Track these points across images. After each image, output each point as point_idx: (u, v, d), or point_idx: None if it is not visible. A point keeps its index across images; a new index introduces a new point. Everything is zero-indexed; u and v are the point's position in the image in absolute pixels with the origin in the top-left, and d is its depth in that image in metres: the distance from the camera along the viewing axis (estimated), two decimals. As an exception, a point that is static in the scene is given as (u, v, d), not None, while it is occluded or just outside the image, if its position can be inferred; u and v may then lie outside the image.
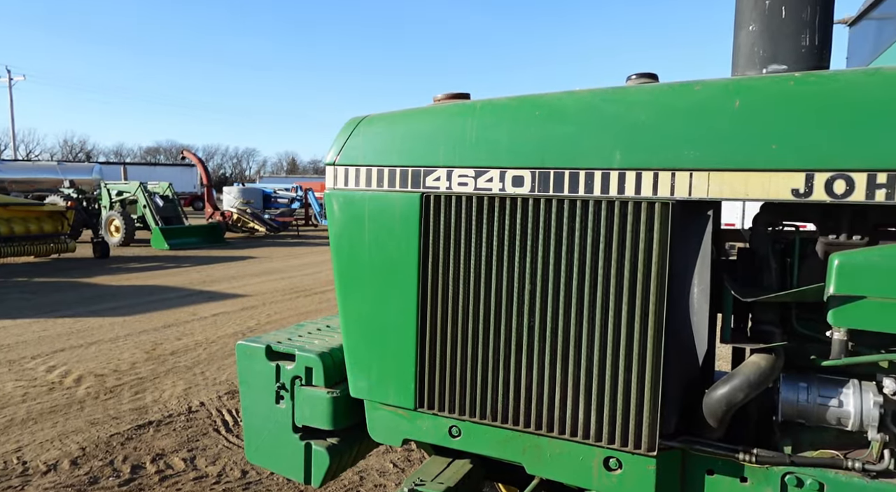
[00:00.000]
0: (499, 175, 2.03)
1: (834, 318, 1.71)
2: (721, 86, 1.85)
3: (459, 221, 2.08)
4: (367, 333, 2.24)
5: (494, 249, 2.03)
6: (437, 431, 2.17)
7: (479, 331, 2.06)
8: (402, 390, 2.18)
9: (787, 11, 1.82)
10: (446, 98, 2.26)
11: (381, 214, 2.19)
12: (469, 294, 2.07)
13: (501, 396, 2.04)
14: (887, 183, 1.61)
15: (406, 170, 2.15)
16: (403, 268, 2.15)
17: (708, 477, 1.89)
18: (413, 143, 2.17)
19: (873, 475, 1.70)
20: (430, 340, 2.14)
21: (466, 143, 2.08)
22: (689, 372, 1.89)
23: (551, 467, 2.02)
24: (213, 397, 5.85)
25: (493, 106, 2.10)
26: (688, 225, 1.87)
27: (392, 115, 2.25)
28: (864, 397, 1.74)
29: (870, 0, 6.48)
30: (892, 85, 1.63)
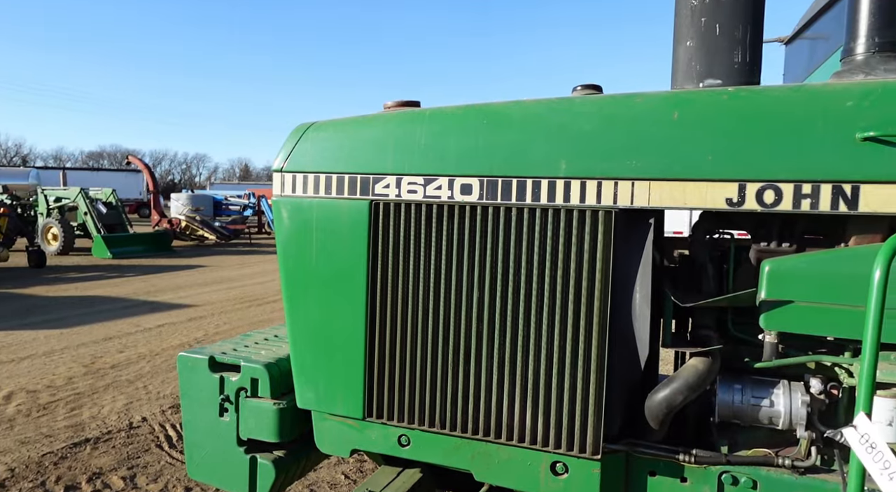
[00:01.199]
0: (448, 183, 2.04)
1: (765, 321, 1.79)
2: (661, 98, 1.91)
3: (408, 228, 2.07)
4: (314, 342, 2.20)
5: (443, 257, 2.03)
6: (387, 440, 2.15)
7: (428, 339, 2.06)
8: (351, 399, 2.15)
9: (720, 29, 1.91)
10: (396, 106, 2.26)
11: (330, 222, 2.17)
12: (418, 302, 2.06)
13: (450, 404, 2.04)
14: (811, 193, 1.70)
15: (355, 177, 2.14)
16: (352, 276, 2.13)
17: (650, 478, 1.94)
18: (362, 150, 2.16)
19: (801, 472, 1.78)
20: (378, 350, 2.12)
21: (416, 150, 2.08)
22: (632, 376, 1.94)
23: (499, 474, 2.03)
24: (156, 412, 5.63)
25: (442, 114, 2.12)
26: (630, 233, 1.92)
27: (341, 122, 2.23)
28: (793, 396, 1.82)
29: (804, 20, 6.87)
30: (814, 101, 1.73)
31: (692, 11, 1.93)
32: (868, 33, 1.80)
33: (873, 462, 1.34)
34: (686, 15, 1.95)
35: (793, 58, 7.31)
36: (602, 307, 1.87)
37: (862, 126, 1.63)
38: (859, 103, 1.66)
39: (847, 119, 1.66)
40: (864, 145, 1.63)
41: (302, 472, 2.48)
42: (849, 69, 1.84)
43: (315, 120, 2.26)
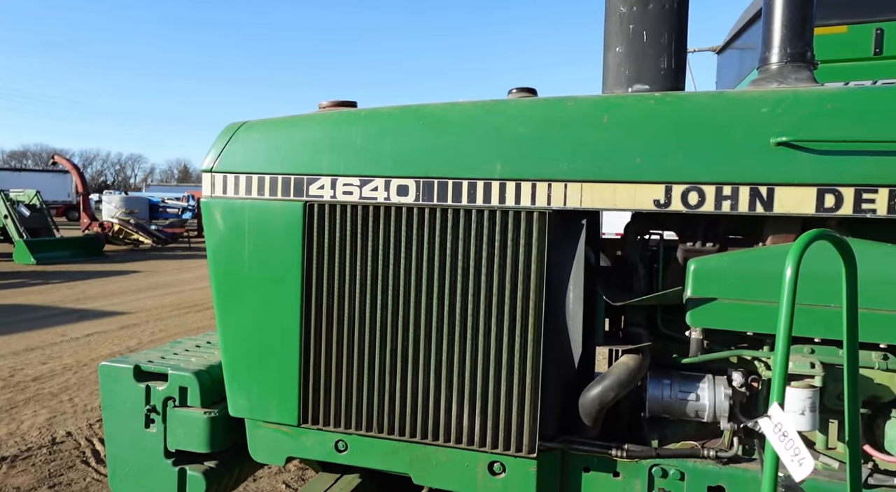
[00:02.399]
0: (384, 184, 2.02)
1: (691, 318, 1.86)
2: (591, 102, 1.96)
3: (344, 230, 2.04)
4: (247, 348, 2.13)
5: (380, 259, 2.01)
6: (323, 446, 2.11)
7: (364, 342, 2.03)
8: (286, 406, 2.10)
9: (647, 36, 1.98)
10: (332, 106, 2.23)
11: (263, 224, 2.11)
12: (355, 305, 2.03)
13: (388, 407, 2.02)
14: (731, 195, 1.78)
15: (289, 178, 2.09)
16: (286, 279, 2.08)
17: (585, 474, 1.97)
18: (296, 150, 2.11)
19: (725, 462, 1.86)
20: (314, 354, 2.08)
21: (351, 151, 2.05)
22: (566, 375, 1.97)
23: (438, 476, 2.03)
24: (82, 426, 5.31)
25: (379, 115, 2.10)
26: (564, 234, 1.96)
27: (274, 122, 2.18)
28: (716, 390, 1.90)
29: (733, 31, 7.26)
30: (733, 107, 1.81)
31: (621, 19, 1.99)
32: (781, 45, 1.91)
33: (785, 450, 1.41)
34: (615, 22, 2.01)
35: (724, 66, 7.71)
36: (537, 307, 1.89)
37: (776, 131, 1.73)
38: (773, 110, 1.76)
39: (762, 125, 1.75)
40: (778, 150, 1.73)
41: (235, 482, 2.39)
42: (764, 78, 1.94)
43: (247, 119, 2.19)
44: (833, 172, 1.70)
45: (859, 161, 1.68)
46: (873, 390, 1.78)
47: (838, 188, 1.70)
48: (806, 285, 1.61)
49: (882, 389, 1.77)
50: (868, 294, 1.62)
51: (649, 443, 1.99)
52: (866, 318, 1.61)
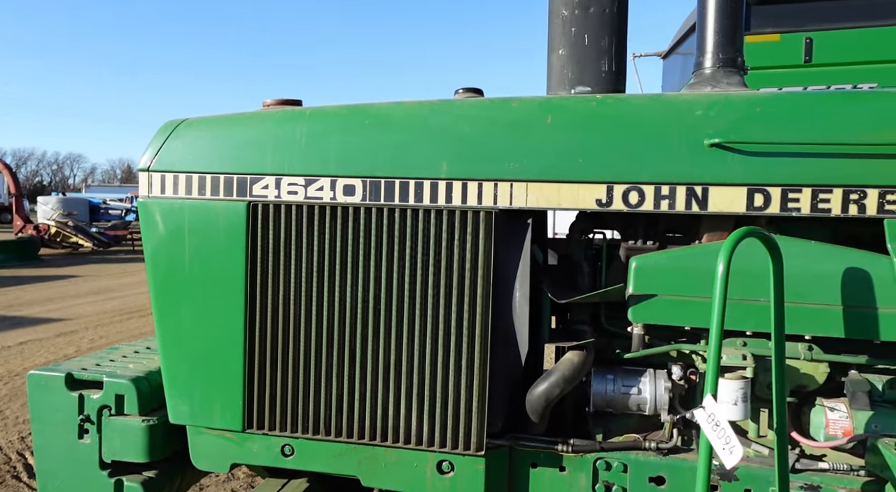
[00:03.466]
0: (329, 184, 2.00)
1: (632, 314, 1.92)
2: (536, 103, 2.00)
3: (289, 231, 2.00)
4: (188, 353, 2.07)
5: (326, 259, 1.98)
6: (269, 451, 2.06)
7: (311, 344, 2.00)
8: (229, 411, 2.04)
9: (589, 39, 2.03)
10: (276, 104, 2.18)
11: (204, 224, 2.05)
12: (300, 307, 2.00)
13: (335, 409, 2.00)
14: (669, 194, 1.85)
15: (231, 177, 2.04)
16: (229, 281, 2.02)
17: (532, 470, 2.00)
18: (239, 149, 2.06)
19: (665, 453, 1.92)
20: (259, 357, 2.03)
21: (296, 150, 2.02)
22: (513, 373, 2.00)
23: (387, 477, 2.01)
24: (13, 439, 5.03)
25: (324, 113, 2.07)
26: (510, 233, 1.98)
27: (215, 119, 2.12)
28: (657, 384, 1.96)
29: (677, 37, 7.51)
30: (670, 109, 1.88)
31: (563, 22, 2.03)
32: (713, 51, 1.99)
33: (717, 439, 1.47)
34: (558, 24, 2.05)
35: (669, 71, 7.97)
36: (484, 306, 1.91)
37: (709, 133, 1.80)
38: (706, 113, 1.83)
39: (696, 127, 1.82)
40: (711, 151, 1.80)
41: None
42: (699, 82, 2.02)
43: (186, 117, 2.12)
44: (761, 172, 1.78)
45: (785, 162, 1.77)
46: (799, 380, 1.87)
47: (766, 188, 1.78)
48: (738, 281, 1.68)
49: (807, 378, 1.87)
50: (794, 289, 1.70)
51: (594, 437, 2.03)
52: (792, 311, 1.70)
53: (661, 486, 1.89)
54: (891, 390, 1.83)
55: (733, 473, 1.82)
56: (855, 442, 1.78)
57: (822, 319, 1.75)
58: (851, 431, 1.79)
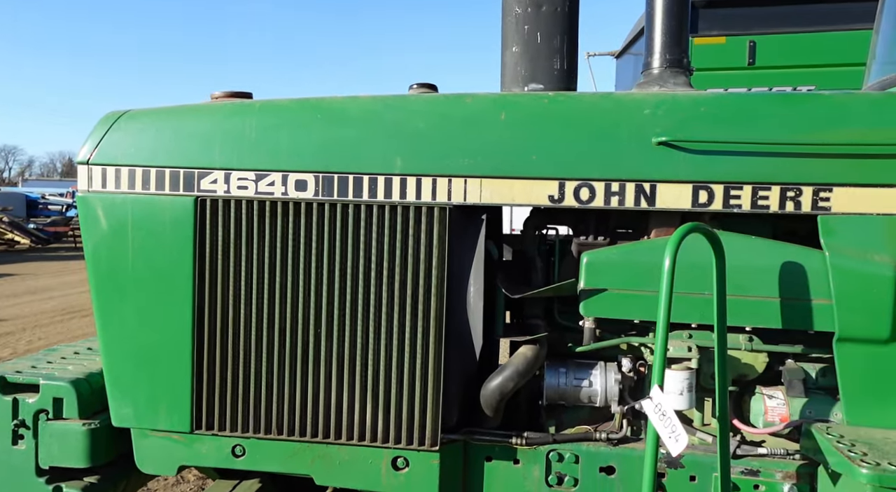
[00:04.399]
0: (281, 178, 1.96)
1: (584, 308, 1.96)
2: (490, 100, 2.01)
3: (239, 226, 1.96)
4: (132, 353, 1.99)
5: (278, 255, 1.95)
6: (219, 452, 2.02)
7: (262, 342, 1.96)
8: (176, 412, 1.98)
9: (541, 37, 2.05)
10: (225, 96, 2.13)
11: (148, 220, 1.97)
12: (251, 304, 1.96)
13: (288, 408, 1.97)
14: (619, 191, 1.89)
15: (177, 171, 1.97)
16: (175, 278, 1.96)
17: (487, 464, 2.02)
18: (185, 142, 2.00)
19: (615, 443, 1.97)
20: (208, 356, 1.98)
21: (245, 144, 1.97)
22: (468, 368, 2.01)
23: (341, 475, 2.00)
24: (-56, 448, 4.75)
25: (275, 107, 2.03)
26: (464, 229, 1.99)
27: (160, 111, 2.05)
28: (607, 376, 2.01)
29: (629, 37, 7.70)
30: (619, 108, 1.92)
31: (516, 19, 2.05)
32: (661, 51, 2.05)
33: (664, 428, 1.52)
34: (511, 22, 2.07)
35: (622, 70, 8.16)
36: (438, 302, 1.91)
37: (656, 132, 1.85)
38: (654, 112, 1.88)
39: (645, 125, 1.87)
40: (659, 149, 1.85)
41: (122, 498, 2.23)
42: (647, 81, 2.07)
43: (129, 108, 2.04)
44: (706, 170, 1.84)
45: (728, 161, 1.84)
46: (741, 369, 1.95)
47: (710, 185, 1.84)
48: (683, 275, 1.74)
49: (748, 368, 1.95)
50: (735, 282, 1.77)
51: (547, 430, 2.07)
52: (734, 304, 1.76)
53: (611, 475, 1.94)
54: (824, 377, 1.93)
55: (679, 460, 1.88)
56: (791, 428, 1.87)
57: (762, 311, 1.83)
58: (788, 417, 1.88)
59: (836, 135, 1.78)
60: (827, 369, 1.92)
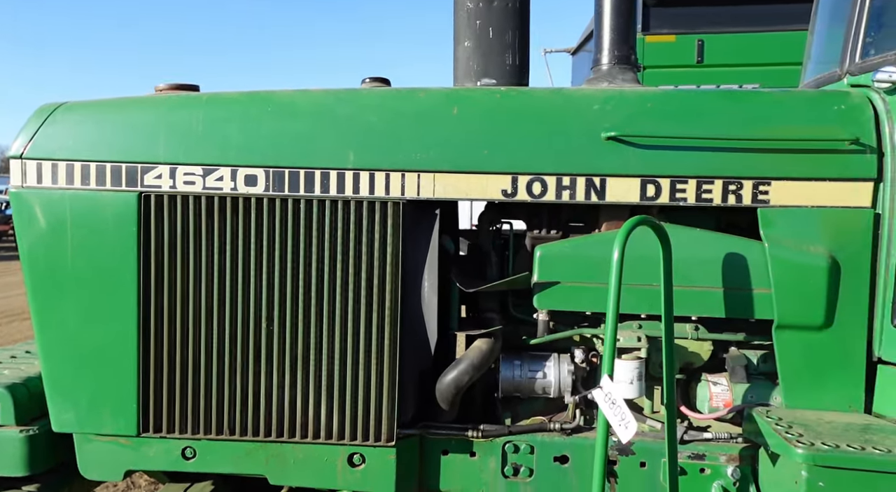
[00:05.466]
0: (230, 173, 1.91)
1: (538, 301, 1.99)
2: (442, 94, 2.01)
3: (186, 223, 1.90)
4: (73, 355, 1.92)
5: (227, 252, 1.90)
6: (168, 455, 1.96)
7: (212, 341, 1.92)
8: (122, 415, 1.92)
9: (493, 32, 2.06)
10: (170, 89, 2.06)
11: (89, 217, 1.90)
12: (200, 302, 1.91)
13: (240, 407, 1.93)
14: (570, 185, 1.92)
15: (119, 166, 1.90)
16: (118, 277, 1.89)
17: (443, 457, 2.03)
18: (127, 135, 1.93)
19: (569, 433, 2.00)
20: (155, 357, 1.92)
21: (192, 138, 1.92)
22: (423, 362, 2.01)
23: (296, 474, 1.97)
24: None
25: (222, 100, 1.98)
26: (418, 223, 1.98)
27: (99, 103, 1.97)
28: (561, 367, 2.04)
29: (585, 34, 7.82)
30: (570, 103, 1.95)
31: (468, 14, 2.06)
32: (609, 48, 2.09)
33: (614, 416, 1.55)
34: (463, 16, 2.07)
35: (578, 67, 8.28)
36: (392, 298, 1.91)
37: (605, 127, 1.88)
38: (603, 107, 1.92)
39: (594, 121, 1.90)
40: (608, 144, 1.89)
41: (65, 506, 2.14)
42: (597, 77, 2.11)
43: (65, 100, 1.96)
44: (653, 164, 1.89)
45: (673, 155, 1.89)
46: (687, 358, 2.02)
47: (657, 179, 1.89)
48: (633, 267, 1.78)
49: (694, 356, 2.02)
50: (681, 273, 1.82)
51: (503, 422, 2.09)
52: (680, 294, 1.82)
53: (564, 464, 1.98)
54: (764, 363, 2.01)
55: (630, 447, 1.93)
56: (734, 412, 1.95)
57: (706, 300, 1.90)
58: (731, 402, 1.95)
59: (773, 131, 1.85)
60: (767, 355, 2.00)
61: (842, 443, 1.58)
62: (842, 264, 1.82)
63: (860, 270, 1.82)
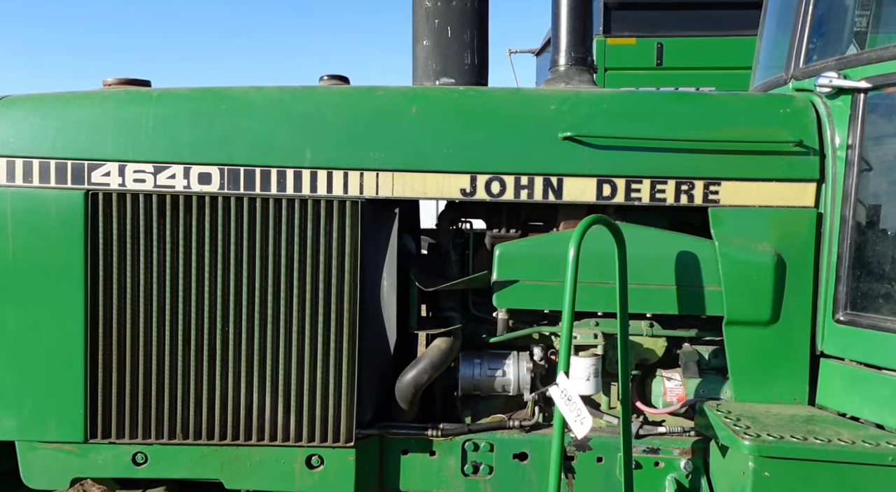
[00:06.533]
0: (183, 171, 1.87)
1: (497, 300, 2.00)
2: (401, 93, 2.00)
3: (137, 222, 1.85)
4: (14, 359, 1.84)
5: (180, 252, 1.85)
6: (118, 461, 1.90)
7: (164, 343, 1.87)
8: (68, 421, 1.85)
9: (451, 31, 2.07)
10: (119, 83, 1.99)
11: (32, 216, 1.83)
12: (152, 304, 1.86)
13: (194, 410, 1.88)
14: (528, 184, 1.94)
15: (64, 163, 1.83)
16: (64, 278, 1.83)
17: (403, 457, 2.02)
18: (73, 132, 1.86)
19: (528, 430, 2.02)
20: (103, 360, 1.86)
21: (142, 134, 1.86)
22: (383, 362, 2.00)
23: (252, 478, 1.94)
24: None
25: (174, 96, 1.93)
26: (377, 223, 1.97)
27: (42, 98, 1.90)
28: (520, 365, 2.06)
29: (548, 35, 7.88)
30: (528, 103, 1.97)
31: (427, 13, 2.05)
32: (566, 49, 2.11)
33: (569, 412, 1.57)
34: (422, 15, 2.07)
35: (543, 67, 8.37)
36: (351, 297, 1.89)
37: (562, 127, 1.91)
38: (560, 107, 1.94)
39: (552, 121, 1.92)
40: (565, 144, 1.91)
41: (8, 518, 2.06)
42: (554, 78, 2.14)
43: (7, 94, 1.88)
44: (608, 164, 1.92)
45: (628, 156, 1.92)
46: (642, 354, 2.06)
47: (613, 179, 1.93)
48: (590, 266, 1.81)
49: (649, 352, 2.06)
50: (636, 271, 1.86)
51: (462, 420, 2.10)
52: (635, 292, 1.85)
53: (523, 461, 1.99)
54: (716, 358, 2.07)
55: (587, 442, 1.96)
56: (687, 407, 2.00)
57: (661, 298, 1.94)
58: (684, 397, 2.00)
59: (722, 132, 1.90)
60: (718, 350, 2.06)
61: (786, 434, 1.64)
62: (787, 262, 1.88)
63: (804, 267, 1.89)
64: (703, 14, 6.10)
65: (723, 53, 5.98)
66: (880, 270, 1.82)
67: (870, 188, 1.86)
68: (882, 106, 1.85)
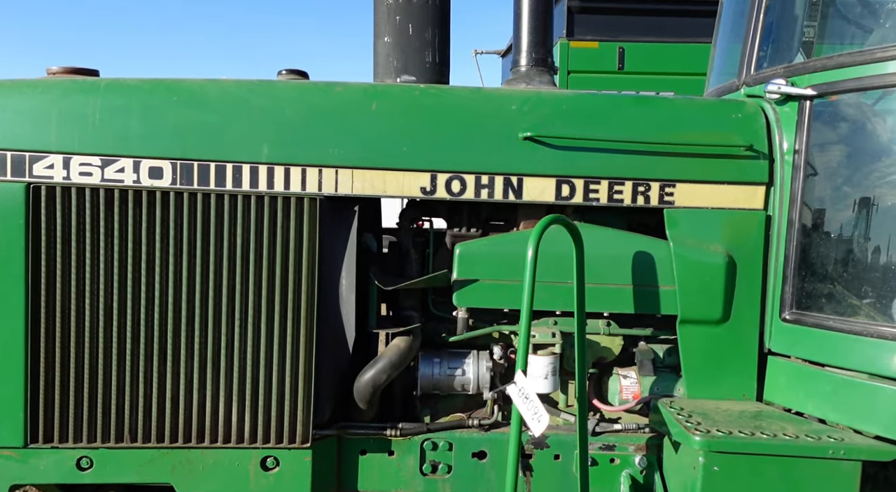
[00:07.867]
0: (132, 165, 1.80)
1: (457, 299, 1.99)
2: (361, 89, 1.98)
3: (82, 217, 1.77)
4: (-52, 360, 1.74)
5: (129, 249, 1.79)
6: (61, 467, 1.82)
7: (112, 343, 1.80)
8: (7, 425, 1.77)
9: (413, 29, 2.05)
10: (64, 72, 1.91)
11: (-33, 209, 1.73)
12: (97, 302, 1.78)
13: (143, 413, 1.82)
14: (488, 184, 1.94)
15: (3, 154, 1.75)
16: (3, 274, 1.74)
17: (361, 457, 2.00)
18: (13, 121, 1.78)
19: (487, 428, 2.03)
20: (45, 361, 1.77)
21: (89, 126, 1.79)
22: (341, 361, 1.97)
23: (205, 481, 1.88)
24: None
25: (123, 86, 1.86)
26: (336, 220, 1.94)
27: (-20, 85, 1.80)
28: (479, 364, 2.06)
29: (515, 36, 7.94)
30: (488, 102, 1.98)
31: (388, 9, 2.04)
32: (527, 50, 2.13)
33: (527, 410, 1.58)
34: (383, 12, 2.05)
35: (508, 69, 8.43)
36: (308, 296, 1.86)
37: (523, 127, 1.92)
38: (521, 107, 1.95)
39: (512, 121, 1.93)
40: (525, 144, 1.92)
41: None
42: (515, 78, 2.15)
43: (-59, 79, 1.77)
44: (567, 165, 1.94)
45: (587, 157, 1.95)
46: (600, 352, 2.09)
47: (572, 180, 1.95)
48: (548, 265, 1.82)
49: (606, 350, 2.09)
50: (593, 271, 1.88)
51: (422, 419, 2.09)
52: (592, 291, 1.88)
53: (482, 460, 2.00)
54: (670, 356, 2.12)
55: (545, 440, 1.98)
56: (642, 404, 2.04)
57: (617, 297, 1.97)
58: (640, 394, 2.04)
59: (676, 135, 1.95)
60: (672, 349, 2.10)
61: (734, 429, 1.69)
62: (738, 263, 1.94)
63: (754, 268, 1.95)
64: (665, 21, 6.25)
65: (683, 59, 6.14)
66: (824, 271, 1.89)
67: (815, 192, 1.93)
68: (826, 113, 1.92)
